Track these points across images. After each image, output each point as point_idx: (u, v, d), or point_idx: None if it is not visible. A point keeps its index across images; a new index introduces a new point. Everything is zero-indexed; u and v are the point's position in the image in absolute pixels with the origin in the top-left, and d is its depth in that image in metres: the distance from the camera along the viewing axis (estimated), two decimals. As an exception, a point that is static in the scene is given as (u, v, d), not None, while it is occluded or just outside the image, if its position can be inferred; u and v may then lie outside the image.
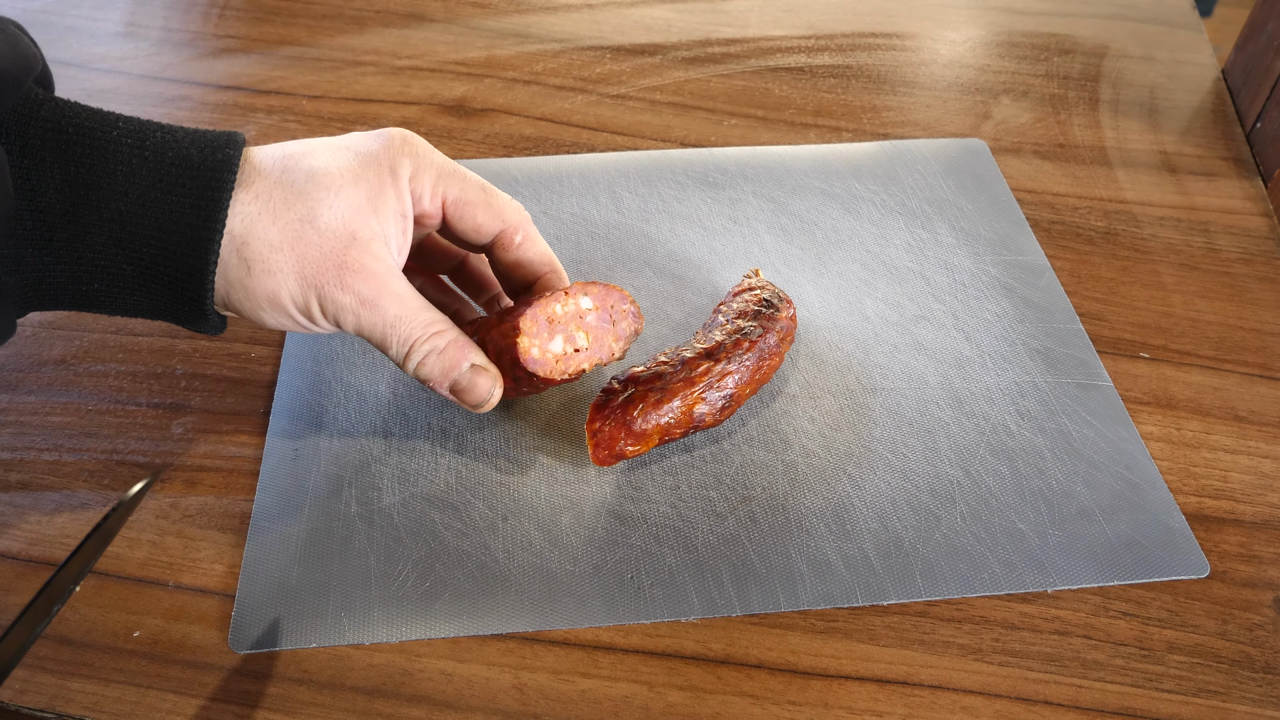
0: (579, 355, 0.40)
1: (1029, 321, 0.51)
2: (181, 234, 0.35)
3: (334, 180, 0.37)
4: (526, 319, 0.39)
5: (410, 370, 0.40)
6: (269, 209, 0.36)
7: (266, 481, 0.43)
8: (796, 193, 0.59)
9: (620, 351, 0.41)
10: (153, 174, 0.35)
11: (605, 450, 0.42)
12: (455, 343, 0.39)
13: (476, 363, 0.40)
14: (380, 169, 0.38)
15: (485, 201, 0.41)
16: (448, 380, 0.40)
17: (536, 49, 0.71)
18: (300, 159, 0.38)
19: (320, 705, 0.37)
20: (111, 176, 0.35)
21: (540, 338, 0.39)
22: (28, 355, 0.49)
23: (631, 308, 0.41)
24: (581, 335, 0.40)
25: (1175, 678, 0.39)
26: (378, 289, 0.37)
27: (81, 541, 0.33)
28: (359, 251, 0.37)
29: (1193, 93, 0.69)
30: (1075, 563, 0.41)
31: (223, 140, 0.37)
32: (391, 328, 0.38)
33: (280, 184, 0.37)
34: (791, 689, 0.38)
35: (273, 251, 0.36)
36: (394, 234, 0.39)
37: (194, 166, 0.35)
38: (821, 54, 0.72)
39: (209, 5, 0.75)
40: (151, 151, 0.35)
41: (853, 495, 0.43)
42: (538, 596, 0.40)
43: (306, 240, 0.36)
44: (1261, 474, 0.46)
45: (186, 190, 0.35)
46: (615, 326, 0.40)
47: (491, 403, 0.41)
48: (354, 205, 0.37)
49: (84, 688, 0.37)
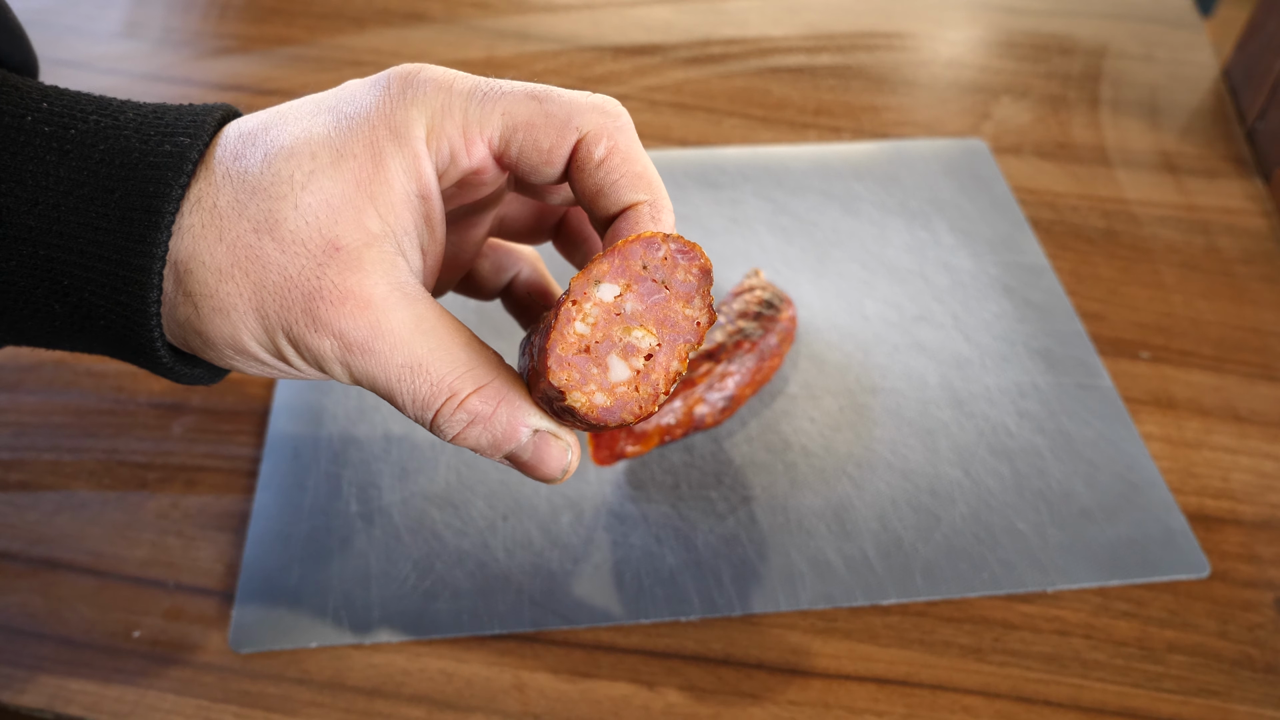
0: (658, 359, 0.27)
1: (1029, 321, 0.51)
2: (109, 261, 0.25)
3: (303, 163, 0.25)
4: (554, 366, 0.26)
5: (444, 440, 0.28)
6: (215, 218, 0.25)
7: (266, 481, 0.43)
8: (796, 193, 0.59)
9: (704, 310, 0.27)
10: (73, 175, 0.25)
11: (605, 450, 0.42)
12: (507, 403, 0.27)
13: (540, 428, 0.28)
14: (375, 134, 0.26)
15: (544, 114, 0.27)
16: (500, 454, 0.28)
17: (536, 49, 0.71)
18: (261, 136, 0.26)
19: (320, 705, 0.37)
20: (17, 178, 0.25)
21: (591, 377, 0.26)
22: (28, 355, 0.49)
23: (671, 246, 0.26)
24: (639, 333, 0.27)
25: (1176, 678, 0.39)
26: (372, 325, 0.25)
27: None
28: (341, 269, 0.25)
29: (1193, 93, 0.69)
30: (1075, 563, 0.41)
31: (185, 121, 0.26)
32: (400, 382, 0.26)
33: (231, 178, 0.26)
34: (791, 689, 0.38)
35: (220, 281, 0.25)
36: (406, 230, 0.27)
37: (130, 164, 0.25)
38: (821, 54, 0.72)
39: (209, 5, 0.75)
40: (75, 143, 0.25)
41: (853, 495, 0.43)
42: (538, 596, 0.40)
43: (264, 260, 0.25)
44: (1262, 474, 0.46)
45: (115, 199, 0.25)
46: (672, 287, 0.27)
47: (569, 473, 0.29)
48: (335, 198, 0.25)
49: (83, 688, 0.37)
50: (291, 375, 0.28)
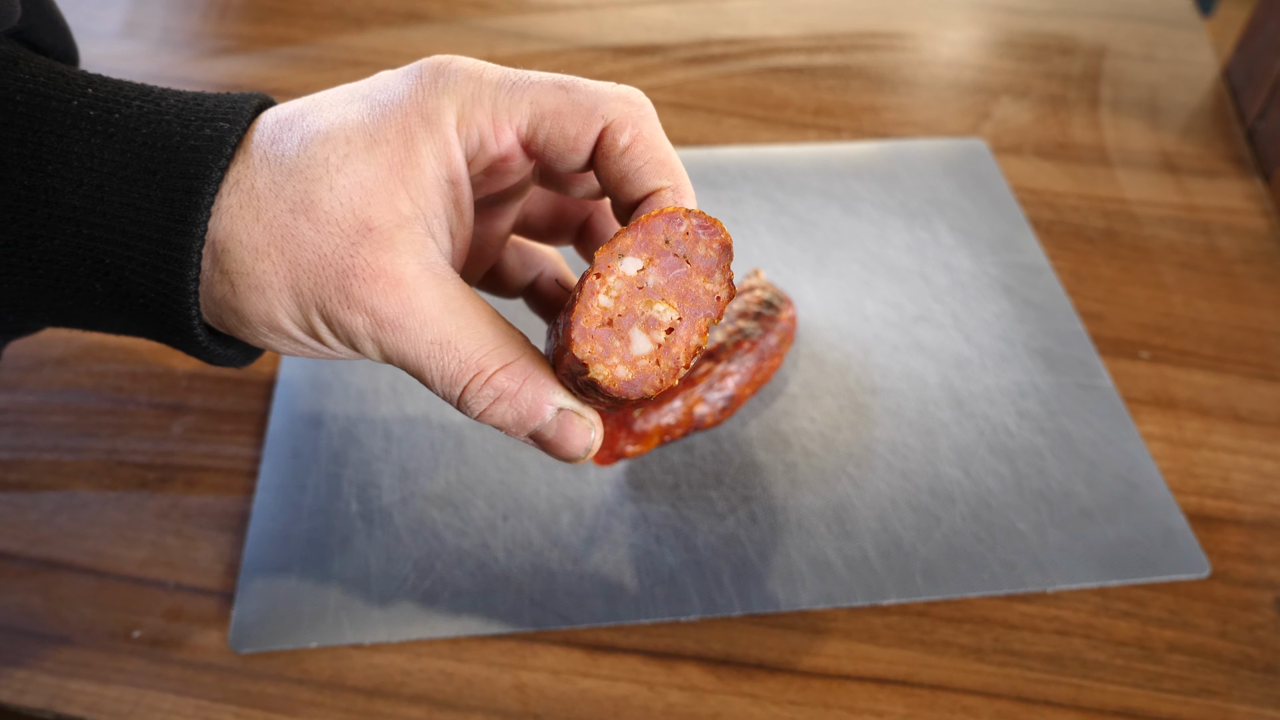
0: (679, 333, 0.27)
1: (1029, 321, 0.51)
2: (150, 240, 0.26)
3: (338, 147, 0.27)
4: (577, 338, 0.27)
5: (471, 416, 0.29)
6: (252, 199, 0.27)
7: (266, 481, 0.43)
8: (796, 193, 0.59)
9: (724, 285, 0.28)
10: (116, 157, 0.26)
11: (605, 450, 0.42)
12: (532, 381, 0.28)
13: (564, 406, 0.29)
14: (408, 121, 0.27)
15: (570, 103, 0.28)
16: (525, 431, 0.29)
17: (536, 49, 0.71)
18: (297, 121, 0.28)
19: (320, 705, 0.37)
20: (63, 160, 0.26)
21: (614, 350, 0.27)
22: (28, 355, 0.49)
23: (693, 222, 0.27)
24: (661, 307, 0.27)
25: (1176, 678, 0.39)
26: (403, 303, 0.27)
27: None
28: (373, 249, 0.26)
29: (1193, 93, 0.69)
30: (1075, 563, 0.41)
31: (225, 108, 0.28)
32: (430, 359, 0.27)
33: (268, 161, 0.27)
34: (791, 689, 0.38)
35: (257, 259, 0.27)
36: (436, 213, 0.28)
37: (172, 147, 0.26)
38: (821, 54, 0.72)
39: (209, 5, 0.75)
40: (119, 127, 0.26)
41: (853, 495, 0.43)
42: (538, 596, 0.40)
43: (300, 239, 0.26)
44: (1262, 474, 0.46)
45: (156, 181, 0.26)
46: (693, 262, 0.27)
47: (591, 453, 0.30)
48: (368, 180, 0.27)
49: (84, 688, 0.37)
50: (324, 354, 0.29)
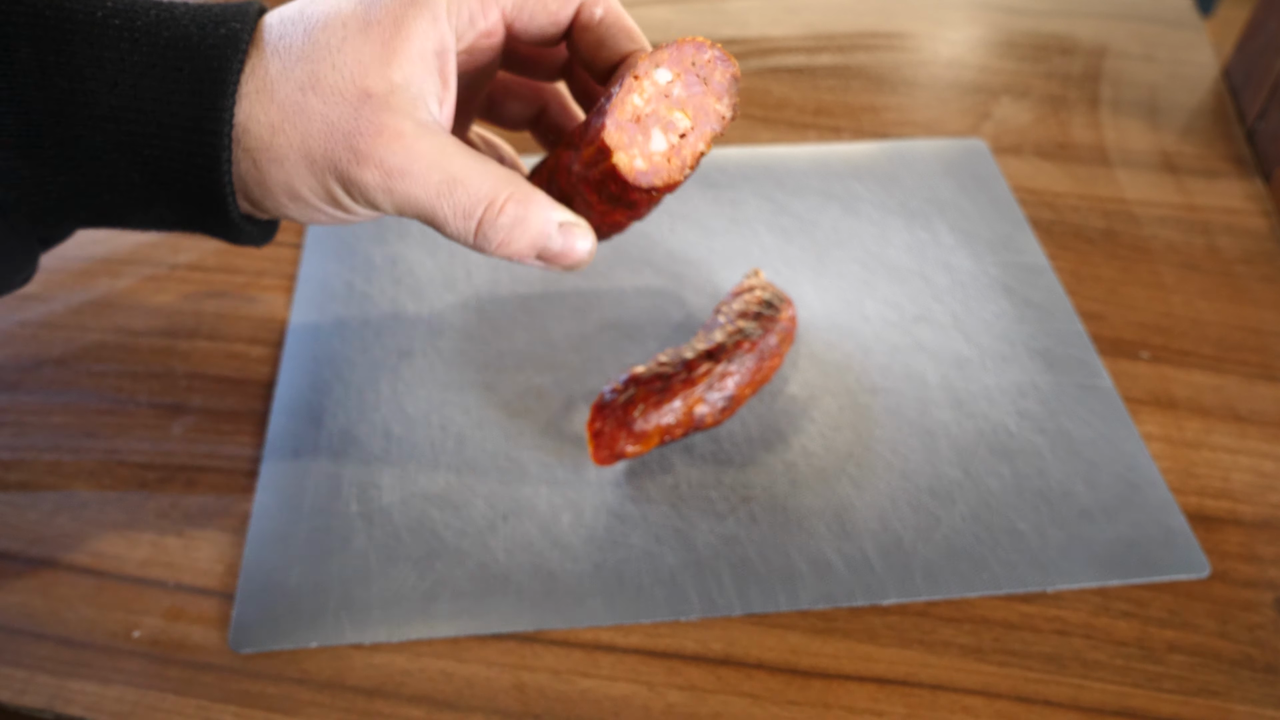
0: (689, 139, 0.33)
1: (1029, 321, 0.51)
2: (184, 129, 0.30)
3: (337, 31, 0.31)
4: (610, 130, 0.32)
5: (487, 250, 0.33)
6: (266, 85, 0.30)
7: (266, 481, 0.43)
8: (796, 193, 0.59)
9: (729, 109, 0.33)
10: (145, 59, 0.30)
11: (605, 450, 0.42)
12: (536, 203, 0.33)
13: (564, 220, 0.34)
14: (397, 3, 0.31)
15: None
16: (535, 251, 0.34)
17: (536, 49, 0.71)
18: (299, 16, 0.32)
19: (320, 705, 0.37)
20: (98, 64, 0.29)
21: (636, 143, 0.32)
22: (28, 355, 0.49)
23: (715, 52, 0.33)
24: (679, 115, 0.33)
25: (1176, 678, 0.39)
26: (406, 150, 0.31)
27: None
28: (373, 110, 0.30)
29: (1193, 93, 0.69)
30: (1075, 563, 0.41)
31: (232, 11, 0.31)
32: (441, 198, 0.31)
33: (278, 51, 0.31)
34: (791, 689, 0.38)
35: (274, 135, 0.31)
36: (425, 79, 0.32)
37: (193, 46, 0.30)
38: (821, 54, 0.72)
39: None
40: (143, 33, 0.30)
41: (853, 495, 0.43)
42: (538, 596, 0.40)
43: (309, 112, 0.30)
44: (1262, 474, 0.46)
45: (184, 76, 0.30)
46: (709, 84, 0.33)
47: (591, 256, 0.35)
48: (365, 56, 0.31)
49: (83, 688, 0.37)
50: (339, 219, 0.34)
